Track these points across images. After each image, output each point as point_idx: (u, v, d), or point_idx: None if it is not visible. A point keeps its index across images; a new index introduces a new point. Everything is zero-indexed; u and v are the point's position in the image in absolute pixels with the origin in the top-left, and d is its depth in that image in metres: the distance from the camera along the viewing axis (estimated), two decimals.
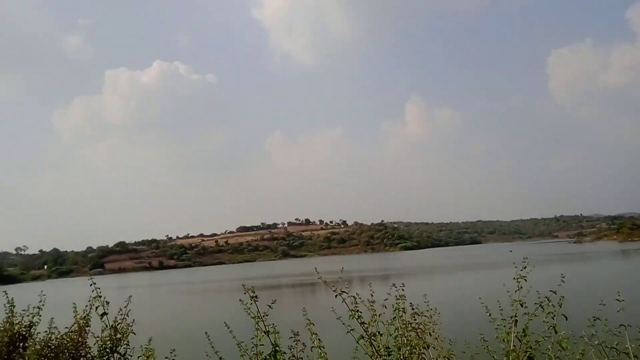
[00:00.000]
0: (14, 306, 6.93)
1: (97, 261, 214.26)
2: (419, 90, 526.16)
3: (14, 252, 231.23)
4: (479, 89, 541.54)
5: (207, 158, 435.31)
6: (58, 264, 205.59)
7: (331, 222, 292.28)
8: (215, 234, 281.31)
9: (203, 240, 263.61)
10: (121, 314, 6.00)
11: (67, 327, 6.53)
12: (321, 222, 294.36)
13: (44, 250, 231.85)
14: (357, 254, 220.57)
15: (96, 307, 5.72)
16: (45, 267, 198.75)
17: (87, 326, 6.47)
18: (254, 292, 4.35)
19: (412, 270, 77.40)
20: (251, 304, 4.33)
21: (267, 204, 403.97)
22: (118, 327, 5.87)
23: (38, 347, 6.24)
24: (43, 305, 6.89)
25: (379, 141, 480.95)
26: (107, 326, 5.74)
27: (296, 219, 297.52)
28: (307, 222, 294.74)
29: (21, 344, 6.65)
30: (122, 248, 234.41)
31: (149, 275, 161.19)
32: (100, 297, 5.66)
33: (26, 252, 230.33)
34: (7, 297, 7.00)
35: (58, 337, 6.47)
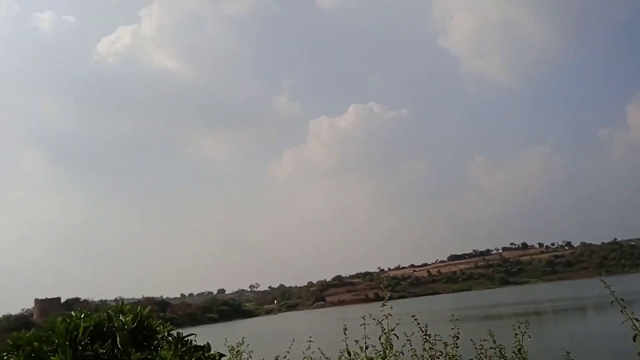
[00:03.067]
0: None
1: (318, 295, 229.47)
2: None
3: (249, 290, 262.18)
4: None
5: (409, 190, 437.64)
6: (285, 299, 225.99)
7: (552, 244, 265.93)
8: (426, 264, 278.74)
9: (415, 271, 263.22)
10: None
11: None
12: (540, 245, 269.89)
13: (272, 286, 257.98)
14: (589, 277, 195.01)
15: None
16: (275, 301, 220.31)
17: None
18: None
19: None
20: None
21: (477, 231, 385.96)
22: None
23: None
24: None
25: (598, 151, 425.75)
26: None
27: (511, 244, 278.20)
28: (525, 246, 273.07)
29: None
30: (339, 282, 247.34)
31: (367, 307, 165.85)
32: None
33: (258, 289, 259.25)
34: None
35: None
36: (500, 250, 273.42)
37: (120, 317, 6.36)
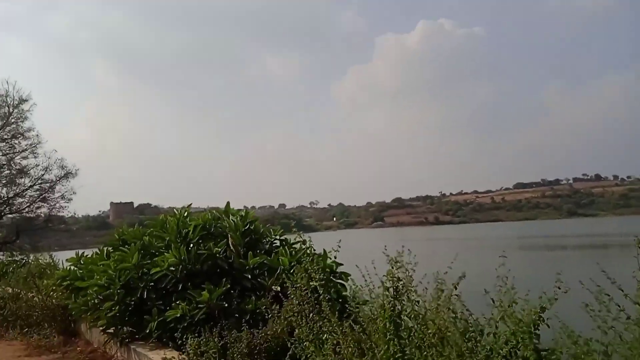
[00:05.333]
0: None
1: (377, 215, 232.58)
2: None
3: (309, 206, 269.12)
4: None
5: (477, 114, 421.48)
6: (344, 217, 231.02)
7: (628, 177, 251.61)
8: (489, 191, 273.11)
9: (477, 197, 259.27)
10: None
11: None
12: (615, 177, 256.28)
13: (331, 204, 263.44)
14: None
15: None
16: (334, 219, 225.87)
17: None
18: None
19: None
20: None
21: (547, 160, 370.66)
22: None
23: None
24: None
25: None
26: None
27: (583, 175, 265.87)
28: (598, 177, 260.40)
29: None
30: (399, 204, 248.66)
31: (426, 230, 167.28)
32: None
33: (318, 206, 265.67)
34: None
35: None
36: (571, 181, 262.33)
37: (231, 218, 6.78)
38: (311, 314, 4.36)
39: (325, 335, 4.07)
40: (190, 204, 8.27)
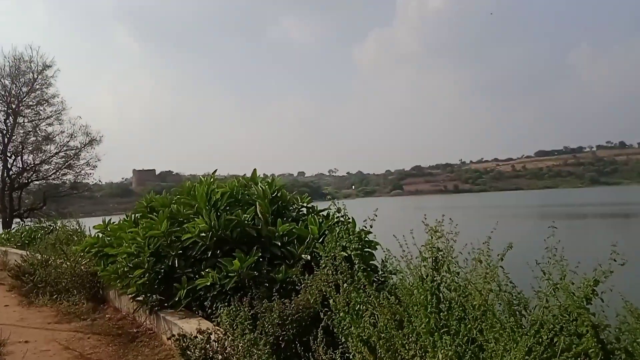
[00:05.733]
0: None
1: (396, 183, 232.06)
2: None
3: (328, 174, 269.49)
4: None
5: (500, 79, 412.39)
6: (363, 185, 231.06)
7: None
8: (510, 159, 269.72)
9: (498, 165, 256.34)
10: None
11: None
12: None
13: (350, 172, 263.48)
14: None
15: None
16: (353, 187, 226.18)
17: None
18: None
19: None
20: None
21: (569, 127, 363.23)
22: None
23: None
24: None
25: None
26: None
27: (607, 142, 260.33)
28: (622, 145, 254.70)
29: None
30: (418, 172, 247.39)
31: (445, 198, 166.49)
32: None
33: (337, 174, 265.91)
34: None
35: None
36: (594, 149, 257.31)
37: (259, 186, 6.66)
38: (345, 284, 4.25)
39: (360, 306, 3.96)
40: (215, 171, 8.19)
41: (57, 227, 15.00)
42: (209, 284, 5.27)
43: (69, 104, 30.86)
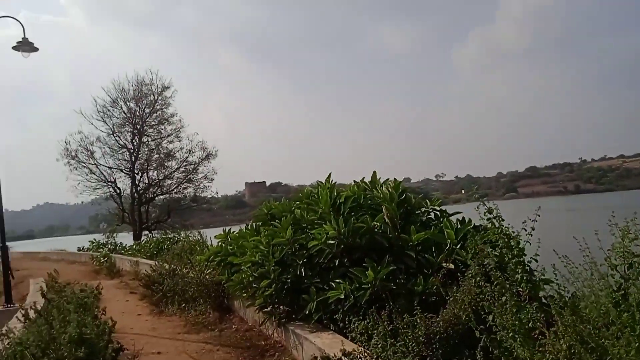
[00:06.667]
0: None
1: (509, 186, 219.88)
2: None
3: (435, 179, 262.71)
4: None
5: (619, 70, 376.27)
6: (473, 189, 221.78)
7: None
8: (638, 155, 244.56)
9: (624, 162, 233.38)
10: None
11: None
12: None
13: (459, 176, 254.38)
14: None
15: None
16: (463, 191, 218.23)
17: None
18: None
19: None
20: None
21: None
22: None
23: None
24: None
25: None
26: None
27: None
28: None
29: None
30: (533, 173, 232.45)
31: (566, 200, 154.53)
32: None
33: (444, 179, 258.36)
34: None
35: None
36: None
37: (384, 189, 6.15)
38: (503, 297, 3.58)
39: (530, 324, 3.27)
40: (330, 174, 7.73)
41: (182, 238, 15.64)
42: (342, 296, 4.84)
43: (186, 121, 32.66)
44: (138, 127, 31.79)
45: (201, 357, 5.39)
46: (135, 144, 32.01)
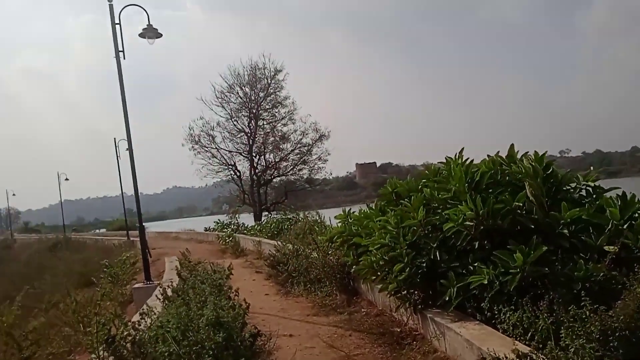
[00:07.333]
0: None
1: None
2: None
3: (559, 155, 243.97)
4: None
5: None
6: (604, 165, 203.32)
7: None
8: None
9: None
10: None
11: None
12: None
13: (586, 152, 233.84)
14: None
15: None
16: (591, 168, 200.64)
17: None
18: None
19: None
20: None
21: None
22: None
23: None
24: None
25: None
26: None
27: None
28: None
29: None
30: None
31: None
32: None
33: (569, 155, 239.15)
34: None
35: None
36: None
37: (525, 163, 5.49)
38: None
39: None
40: (463, 149, 7.10)
41: (300, 219, 15.84)
42: (486, 282, 4.36)
43: (299, 103, 33.26)
44: (254, 111, 32.95)
45: (334, 342, 5.22)
46: (251, 127, 33.26)
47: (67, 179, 45.93)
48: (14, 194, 63.09)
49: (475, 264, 4.77)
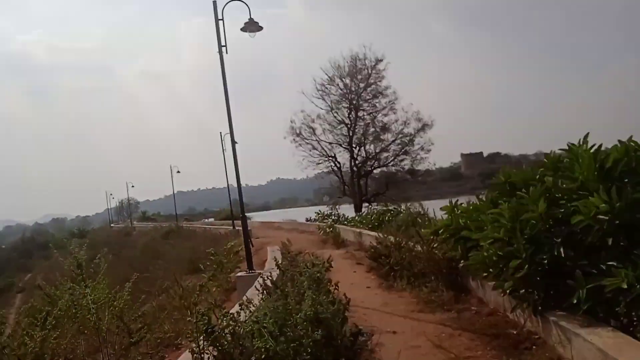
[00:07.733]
0: None
1: None
2: None
3: None
4: None
5: None
6: None
7: None
8: None
9: None
10: None
11: None
12: None
13: None
14: None
15: None
16: None
17: None
18: None
19: None
20: None
21: None
22: None
23: None
24: None
25: None
26: None
27: None
28: None
29: None
30: None
31: None
32: None
33: None
34: None
35: None
36: None
37: None
38: None
39: None
40: (588, 133, 6.28)
41: (402, 210, 15.42)
42: (625, 286, 3.78)
43: (400, 93, 32.48)
44: (354, 102, 32.84)
45: (442, 341, 4.85)
46: (351, 118, 33.19)
47: (179, 172, 49.19)
48: (132, 186, 69.25)
49: (609, 263, 4.18)
